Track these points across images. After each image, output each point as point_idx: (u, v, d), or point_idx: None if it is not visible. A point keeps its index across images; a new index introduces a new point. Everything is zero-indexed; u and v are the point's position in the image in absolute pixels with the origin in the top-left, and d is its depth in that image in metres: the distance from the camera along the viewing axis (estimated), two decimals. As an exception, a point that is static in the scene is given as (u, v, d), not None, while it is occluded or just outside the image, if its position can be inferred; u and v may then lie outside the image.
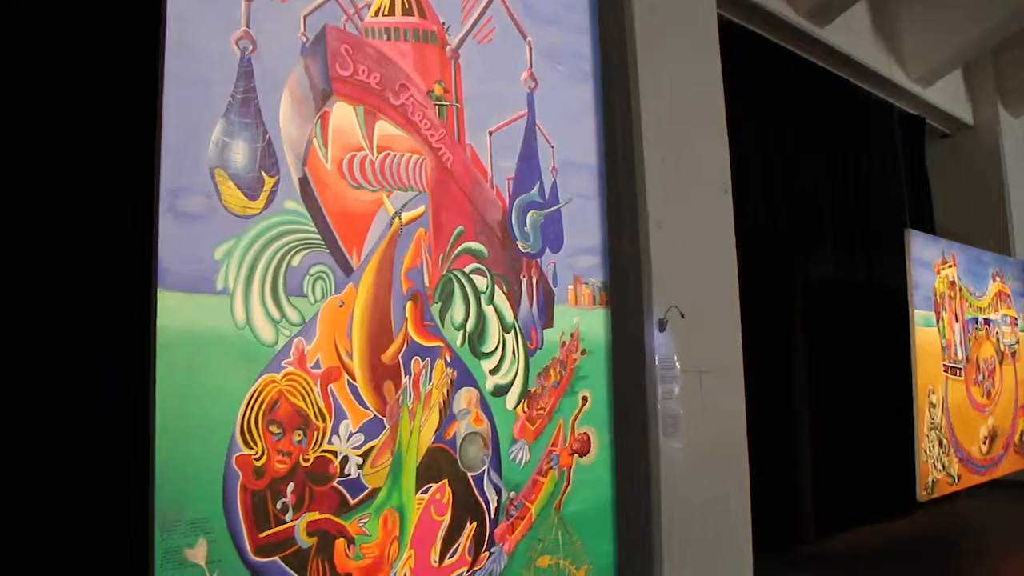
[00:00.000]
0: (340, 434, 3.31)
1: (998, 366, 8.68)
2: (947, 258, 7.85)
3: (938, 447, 7.35)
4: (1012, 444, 8.86)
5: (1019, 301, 9.37)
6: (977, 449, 8.10)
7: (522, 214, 4.09)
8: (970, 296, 8.22)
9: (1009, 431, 8.80)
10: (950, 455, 7.54)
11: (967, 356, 8.04)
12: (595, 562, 4.27)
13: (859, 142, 8.05)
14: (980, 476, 8.14)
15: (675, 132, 5.08)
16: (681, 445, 4.79)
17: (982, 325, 8.43)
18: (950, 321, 7.76)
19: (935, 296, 7.55)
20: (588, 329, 4.33)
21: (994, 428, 8.45)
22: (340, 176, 3.43)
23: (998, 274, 8.91)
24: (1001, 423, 8.62)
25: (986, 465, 8.27)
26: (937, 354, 7.51)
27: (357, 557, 3.34)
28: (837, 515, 7.00)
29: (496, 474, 3.85)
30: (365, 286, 3.45)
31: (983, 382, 8.33)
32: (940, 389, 7.51)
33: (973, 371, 8.13)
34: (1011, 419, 8.88)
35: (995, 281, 8.81)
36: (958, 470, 7.67)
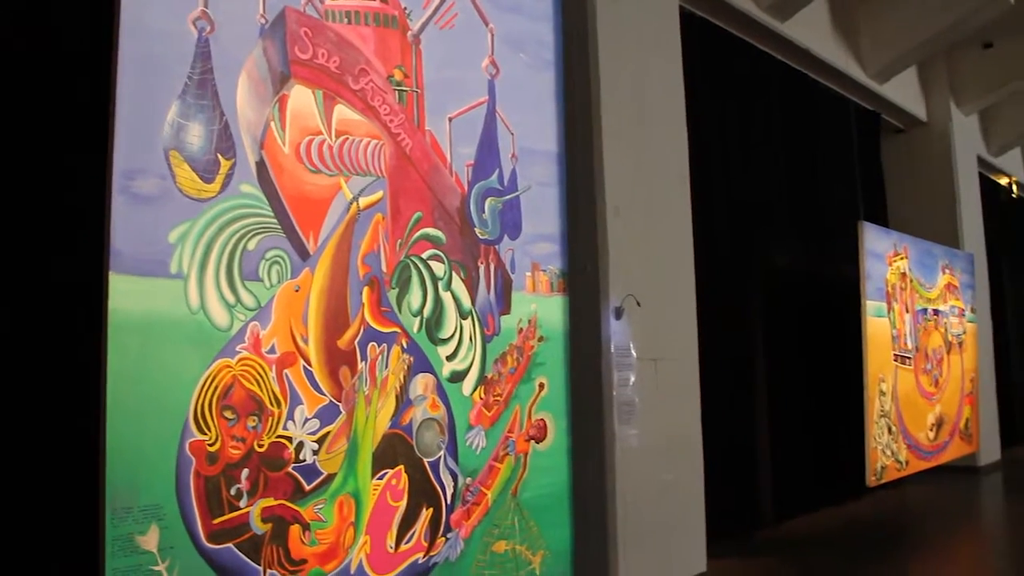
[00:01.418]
0: (295, 420, 3.30)
1: (946, 356, 8.87)
2: (899, 250, 7.99)
3: (887, 434, 7.50)
4: (957, 431, 9.07)
5: (967, 293, 9.57)
6: (924, 436, 8.28)
7: (481, 201, 4.09)
8: (920, 287, 8.38)
9: (955, 418, 9.01)
10: (899, 442, 7.70)
11: (916, 346, 8.20)
12: (551, 547, 4.30)
13: (816, 135, 8.15)
14: (927, 462, 8.33)
15: (634, 121, 5.11)
16: (637, 432, 4.84)
17: (931, 316, 8.61)
18: (901, 312, 7.91)
19: (887, 287, 7.68)
20: (545, 316, 4.35)
21: (941, 416, 8.64)
22: (298, 160, 3.40)
23: (947, 266, 9.09)
24: (948, 411, 8.82)
25: (933, 451, 8.46)
26: (888, 344, 7.65)
27: (312, 543, 3.33)
28: (791, 500, 7.11)
29: (452, 460, 3.86)
30: (322, 271, 3.43)
31: (931, 371, 8.51)
32: (890, 378, 7.66)
33: (922, 360, 8.30)
34: (957, 407, 9.08)
35: (944, 273, 8.99)
36: (906, 456, 7.83)
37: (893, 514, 7.73)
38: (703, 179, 5.95)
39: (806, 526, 7.05)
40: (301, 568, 3.29)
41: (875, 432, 7.29)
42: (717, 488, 5.62)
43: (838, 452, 7.63)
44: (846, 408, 7.57)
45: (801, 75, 7.98)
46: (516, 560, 4.12)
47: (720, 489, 5.73)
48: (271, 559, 3.20)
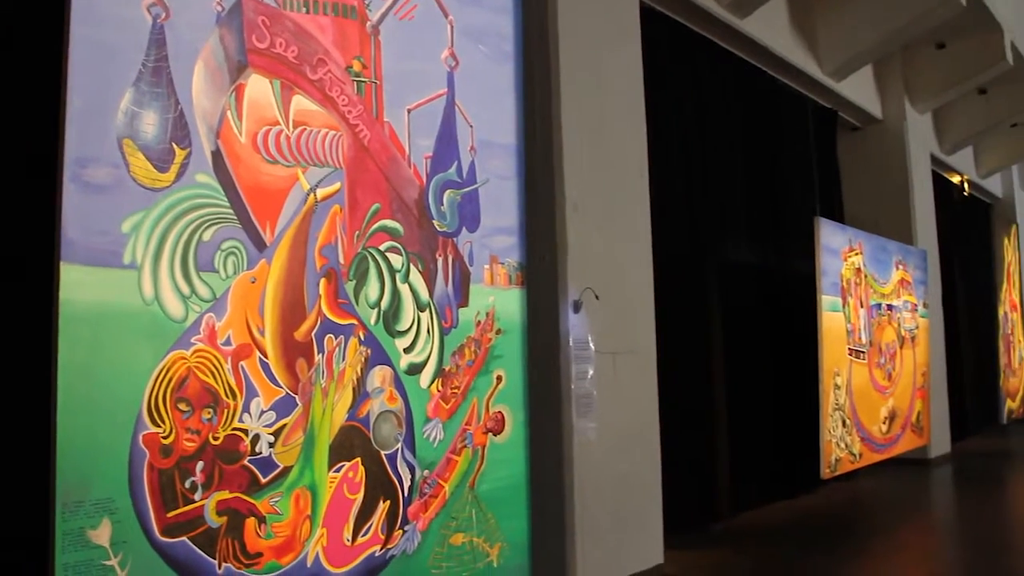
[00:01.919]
0: (251, 412, 3.28)
1: (899, 350, 9.03)
2: (854, 246, 8.11)
3: (841, 427, 7.62)
4: (909, 424, 9.24)
5: (919, 288, 9.75)
6: (878, 429, 8.42)
7: (439, 193, 4.09)
8: (875, 283, 8.52)
9: (907, 412, 9.18)
10: (853, 434, 7.83)
11: (870, 340, 8.33)
12: (509, 539, 4.31)
13: (774, 131, 8.23)
14: (880, 454, 8.48)
15: (594, 116, 5.13)
16: (595, 424, 4.87)
17: (885, 311, 8.75)
18: (855, 306, 8.03)
19: (842, 282, 7.80)
20: (503, 309, 4.36)
21: (894, 409, 8.80)
22: (254, 150, 3.38)
23: (901, 262, 9.25)
24: (900, 404, 8.98)
25: (885, 444, 8.61)
26: (843, 338, 7.77)
27: (268, 536, 3.31)
28: (747, 492, 7.19)
29: (410, 452, 3.86)
30: (278, 262, 3.41)
31: (885, 365, 8.66)
32: (845, 371, 7.78)
33: (876, 354, 8.44)
34: (909, 400, 9.25)
35: (898, 269, 9.14)
36: (860, 448, 7.97)
37: (846, 505, 7.85)
38: (662, 174, 5.98)
39: (762, 518, 7.13)
40: (257, 561, 3.27)
41: (830, 425, 7.41)
42: (674, 481, 5.67)
43: (793, 445, 7.73)
44: (802, 401, 7.68)
45: (760, 72, 8.05)
46: (473, 552, 4.13)
47: (677, 482, 5.78)
48: (226, 552, 3.18)
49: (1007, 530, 7.21)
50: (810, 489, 7.94)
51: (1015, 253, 15.27)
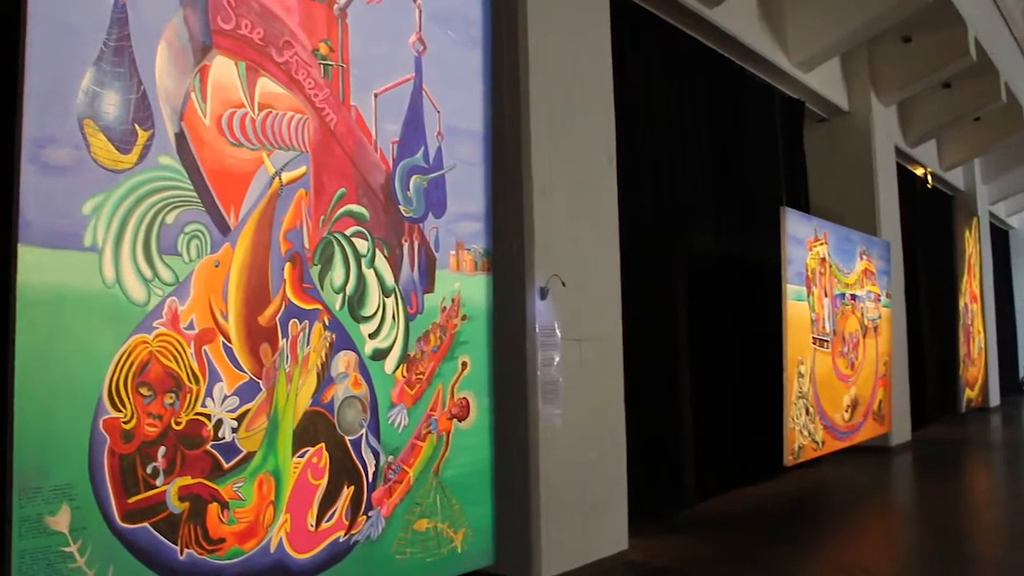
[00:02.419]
0: (214, 397, 3.24)
1: (862, 339, 9.15)
2: (819, 236, 8.20)
3: (805, 415, 7.72)
4: (871, 412, 9.38)
5: (883, 279, 9.88)
6: (840, 417, 8.54)
7: (406, 178, 4.07)
8: (839, 273, 8.62)
9: (869, 400, 9.31)
10: (815, 422, 7.93)
11: (834, 329, 8.43)
12: (473, 525, 4.32)
13: (741, 121, 8.28)
14: (842, 442, 8.60)
15: (562, 102, 5.13)
16: (560, 411, 4.89)
17: (849, 300, 8.86)
18: (820, 296, 8.12)
19: (807, 272, 7.88)
20: (469, 295, 4.35)
21: (856, 397, 8.92)
22: (219, 133, 3.33)
23: (865, 252, 9.36)
24: (862, 392, 9.11)
25: (848, 432, 8.73)
26: (807, 327, 7.86)
27: (231, 522, 3.29)
28: (712, 479, 7.27)
29: (374, 438, 3.85)
30: (242, 246, 3.38)
31: (848, 354, 8.77)
32: (808, 360, 7.87)
33: (839, 343, 8.55)
34: (871, 389, 9.38)
35: (862, 259, 9.25)
36: (822, 436, 8.07)
37: (809, 492, 7.95)
38: (630, 162, 6.00)
39: (725, 505, 7.21)
40: (219, 547, 3.25)
41: (793, 413, 7.49)
42: (639, 468, 5.72)
43: (757, 432, 7.81)
44: (766, 390, 7.76)
45: (728, 62, 8.10)
46: (438, 538, 4.13)
47: (642, 469, 5.83)
48: (188, 538, 3.15)
49: (965, 516, 7.35)
50: (773, 476, 8.04)
51: (976, 245, 15.51)
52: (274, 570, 3.43)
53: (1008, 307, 19.11)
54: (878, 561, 5.72)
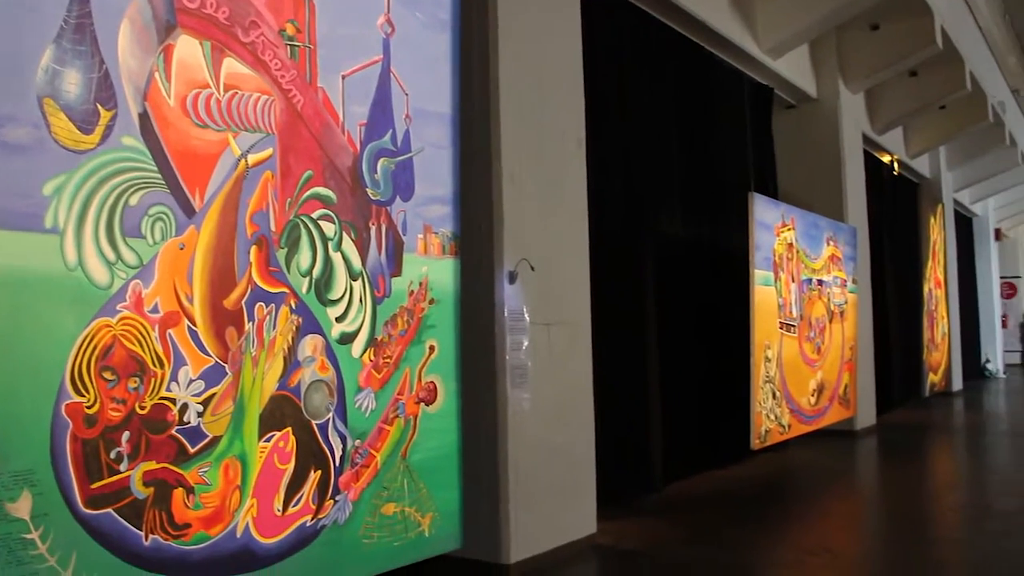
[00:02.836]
0: (179, 381, 3.21)
1: (828, 324, 9.24)
2: (787, 221, 8.26)
3: (771, 399, 7.79)
4: (837, 396, 9.49)
5: (849, 264, 9.98)
6: (806, 401, 8.63)
7: (373, 161, 4.03)
8: (806, 258, 8.69)
9: (835, 384, 9.42)
10: (782, 406, 8.01)
11: (801, 314, 8.51)
12: (440, 509, 4.32)
13: (710, 107, 8.31)
14: (808, 426, 8.70)
15: (532, 86, 5.12)
16: (529, 395, 4.91)
17: (815, 286, 8.95)
18: (787, 281, 8.19)
19: (774, 257, 7.94)
20: (437, 279, 4.33)
21: (822, 382, 9.02)
22: (184, 113, 3.28)
23: (832, 238, 9.45)
24: (828, 377, 9.21)
25: (814, 416, 8.83)
26: (774, 312, 7.92)
27: (197, 507, 3.26)
28: (679, 463, 7.32)
29: (341, 422, 3.83)
30: (208, 229, 3.34)
31: (814, 339, 8.86)
32: (775, 345, 7.94)
33: (806, 328, 8.63)
34: (837, 373, 9.49)
35: (829, 245, 9.34)
36: (789, 420, 8.16)
37: (775, 475, 8.05)
38: (599, 146, 6.01)
39: (693, 488, 7.28)
40: (185, 532, 3.22)
41: (760, 397, 7.57)
42: (607, 451, 5.75)
43: (724, 416, 7.88)
44: (733, 374, 7.82)
45: (698, 47, 8.11)
46: (405, 522, 4.13)
47: (610, 452, 5.87)
48: (153, 524, 3.12)
49: (927, 498, 7.49)
50: (740, 460, 8.13)
51: (940, 232, 15.70)
52: (240, 555, 3.41)
53: (971, 293, 19.39)
54: (842, 542, 5.81)
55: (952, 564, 5.21)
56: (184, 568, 3.21)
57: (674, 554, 5.31)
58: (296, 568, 3.62)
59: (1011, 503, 6.70)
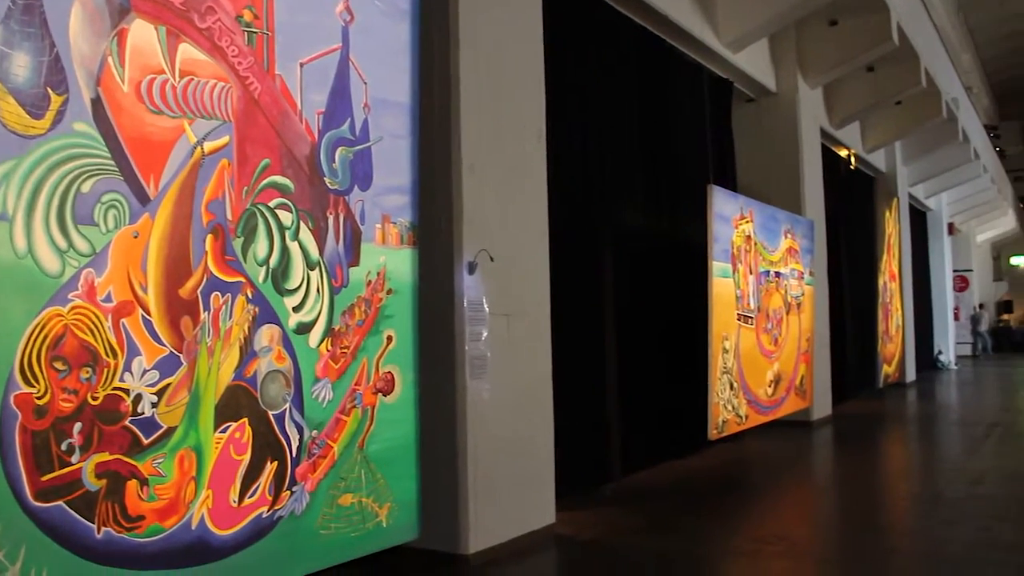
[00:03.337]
0: (133, 371, 3.16)
1: (785, 316, 9.35)
2: (745, 214, 8.33)
3: (729, 390, 7.87)
4: (793, 387, 9.61)
5: (806, 257, 10.10)
6: (763, 392, 8.73)
7: (331, 150, 4.00)
8: (764, 250, 8.78)
9: (792, 375, 9.54)
10: (739, 397, 8.10)
11: (759, 306, 8.60)
12: (398, 499, 4.31)
13: (670, 99, 8.35)
14: (765, 416, 8.80)
15: (492, 77, 5.11)
16: (488, 386, 4.91)
17: (773, 278, 9.05)
18: (745, 273, 8.27)
19: (732, 249, 8.01)
20: (395, 269, 4.31)
21: (779, 373, 9.13)
22: (138, 99, 3.23)
23: (789, 231, 9.55)
24: (785, 368, 9.33)
25: (770, 406, 8.94)
26: (732, 303, 8.00)
27: (151, 499, 3.22)
28: (638, 453, 7.37)
29: (298, 413, 3.80)
30: (163, 217, 3.29)
31: (772, 330, 8.96)
32: (733, 336, 8.02)
33: (763, 320, 8.73)
34: (794, 364, 9.61)
35: (786, 238, 9.44)
36: (746, 411, 8.25)
37: (733, 465, 8.14)
38: (559, 137, 6.01)
39: (652, 478, 7.34)
40: (139, 524, 3.18)
41: (718, 388, 7.64)
42: (566, 442, 5.77)
43: (683, 407, 7.94)
44: (691, 365, 7.89)
45: (659, 40, 8.14)
46: (363, 513, 4.12)
47: (569, 443, 5.89)
48: (106, 516, 3.08)
49: (880, 487, 7.63)
50: (698, 450, 8.20)
51: (895, 225, 15.95)
52: (196, 547, 3.38)
53: (925, 286, 19.72)
54: (797, 531, 5.89)
55: (903, 550, 5.31)
56: (138, 561, 3.17)
57: (632, 544, 5.35)
58: (253, 560, 3.59)
59: (960, 491, 6.83)
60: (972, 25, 22.78)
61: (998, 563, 4.76)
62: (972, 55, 24.17)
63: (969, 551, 5.04)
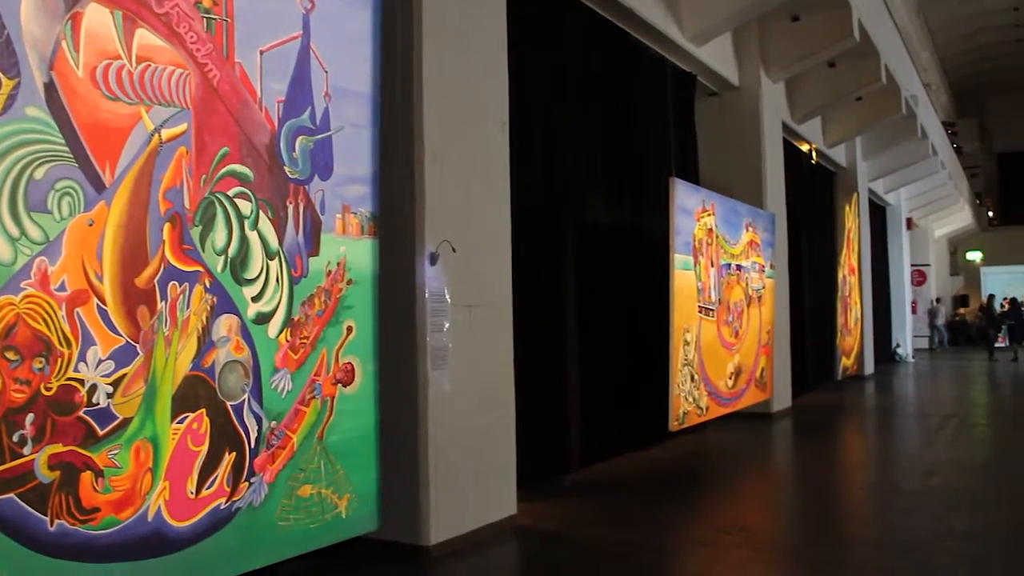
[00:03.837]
0: (88, 361, 3.11)
1: (746, 308, 9.44)
2: (707, 207, 8.39)
3: (690, 381, 7.93)
4: (754, 379, 9.71)
5: (767, 250, 10.19)
6: (724, 383, 8.81)
7: (291, 139, 3.96)
8: (725, 243, 8.85)
9: (752, 367, 9.63)
10: (700, 389, 8.16)
11: (720, 299, 8.67)
12: (358, 490, 4.30)
13: (634, 92, 8.37)
14: (725, 408, 8.88)
15: (455, 67, 5.09)
16: (450, 377, 4.90)
17: (734, 270, 9.12)
18: (706, 266, 8.33)
19: (694, 242, 8.07)
20: (355, 259, 4.29)
21: (739, 365, 9.22)
22: (93, 85, 3.17)
23: (751, 224, 9.64)
24: (746, 360, 9.42)
25: (731, 398, 9.03)
26: (693, 296, 8.06)
27: (106, 490, 3.18)
28: (599, 445, 7.41)
29: (257, 403, 3.77)
30: (119, 205, 3.24)
31: (732, 323, 9.04)
32: (694, 328, 8.08)
33: (724, 312, 8.80)
34: (754, 357, 9.71)
35: (748, 231, 9.52)
36: (706, 402, 8.32)
37: (693, 457, 8.21)
38: (522, 129, 6.00)
39: (613, 469, 7.38)
40: (93, 517, 3.14)
41: (679, 380, 7.69)
42: (528, 433, 5.78)
43: (644, 399, 7.99)
44: (653, 357, 7.93)
45: (623, 33, 8.16)
46: (322, 504, 4.10)
47: (531, 434, 5.90)
48: (59, 509, 3.03)
49: (838, 478, 7.74)
50: (659, 442, 8.25)
51: (855, 220, 16.15)
52: (152, 539, 3.34)
53: (883, 280, 20.00)
54: (756, 520, 5.96)
55: (859, 539, 5.40)
56: (92, 553, 3.13)
57: (593, 534, 5.38)
58: (210, 551, 3.56)
59: (916, 482, 6.96)
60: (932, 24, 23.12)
61: (951, 552, 4.85)
62: (931, 53, 24.53)
63: (923, 540, 5.14)
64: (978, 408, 12.64)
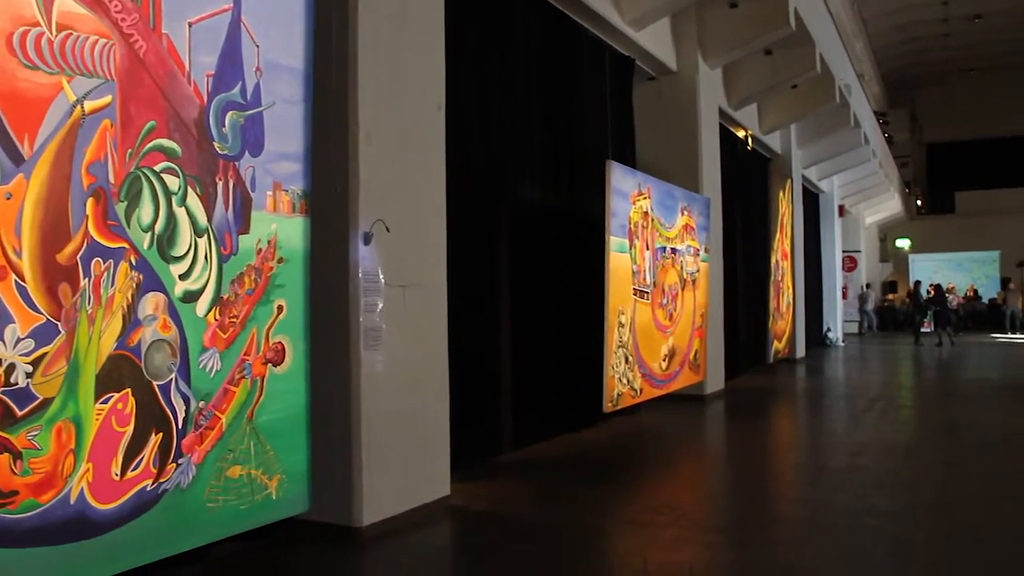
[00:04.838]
0: (6, 340, 3.01)
1: (680, 292, 9.55)
2: (643, 190, 8.45)
3: (624, 363, 8.01)
4: (687, 362, 9.84)
5: (702, 234, 10.32)
6: (658, 365, 8.91)
7: (221, 114, 3.87)
8: (661, 227, 8.93)
9: (686, 350, 9.76)
10: (634, 370, 8.25)
11: (655, 281, 8.76)
12: (288, 471, 4.25)
13: (572, 75, 8.38)
14: (659, 390, 8.99)
15: (392, 45, 5.03)
16: (383, 358, 4.87)
17: (669, 254, 9.22)
18: (642, 249, 8.40)
19: (630, 225, 8.13)
20: (286, 237, 4.22)
21: (673, 347, 9.34)
22: (9, 53, 3.05)
23: (686, 208, 9.74)
24: (680, 343, 9.54)
25: (665, 380, 9.14)
26: (628, 278, 8.12)
27: (25, 473, 3.08)
28: (532, 426, 7.45)
29: (184, 383, 3.70)
30: (38, 178, 3.13)
31: (667, 305, 9.14)
32: (629, 310, 8.15)
33: (659, 295, 8.89)
34: (688, 339, 9.83)
35: (683, 215, 9.62)
36: (640, 384, 8.41)
37: (627, 438, 8.29)
38: (458, 109, 5.97)
39: (546, 450, 7.42)
40: (12, 500, 3.05)
41: (613, 361, 7.76)
42: (461, 414, 5.78)
43: (578, 380, 8.05)
44: (587, 338, 7.99)
45: (561, 15, 8.16)
46: (251, 485, 4.04)
47: (464, 415, 5.90)
48: (-25, 492, 2.94)
49: (768, 458, 7.90)
50: (593, 423, 8.32)
51: (788, 206, 16.44)
52: (74, 522, 3.26)
53: (816, 265, 20.40)
54: (688, 501, 6.06)
55: (788, 518, 5.52)
56: (12, 538, 3.04)
57: (526, 514, 5.41)
58: (136, 534, 3.49)
59: (843, 461, 7.13)
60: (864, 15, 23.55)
61: (874, 529, 4.99)
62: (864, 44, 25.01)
63: (848, 518, 5.27)
64: (904, 391, 13.00)
